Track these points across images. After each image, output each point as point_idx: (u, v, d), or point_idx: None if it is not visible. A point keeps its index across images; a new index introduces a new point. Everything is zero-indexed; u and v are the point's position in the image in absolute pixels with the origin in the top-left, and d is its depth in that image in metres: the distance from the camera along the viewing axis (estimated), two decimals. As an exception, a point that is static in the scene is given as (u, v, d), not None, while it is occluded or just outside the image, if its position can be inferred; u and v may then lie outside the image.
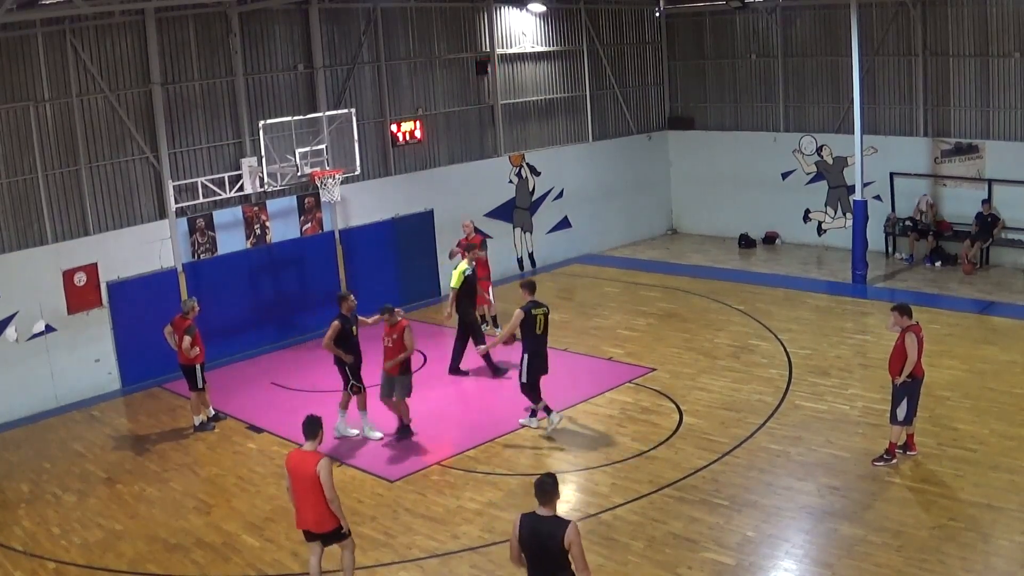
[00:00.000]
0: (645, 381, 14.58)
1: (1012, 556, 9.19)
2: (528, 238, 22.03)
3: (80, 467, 12.96)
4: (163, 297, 16.24)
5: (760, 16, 22.84)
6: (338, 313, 12.91)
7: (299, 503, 8.73)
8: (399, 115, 19.48)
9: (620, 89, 23.84)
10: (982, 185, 19.80)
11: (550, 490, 7.01)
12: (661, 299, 19.09)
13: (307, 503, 8.64)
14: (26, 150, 14.92)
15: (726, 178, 23.80)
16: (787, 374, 14.44)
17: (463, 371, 15.41)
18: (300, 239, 18.08)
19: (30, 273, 14.93)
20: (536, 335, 12.72)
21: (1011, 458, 11.16)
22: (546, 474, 7.21)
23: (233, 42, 16.84)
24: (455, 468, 12.07)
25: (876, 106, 21.05)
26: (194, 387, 13.76)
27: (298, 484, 8.64)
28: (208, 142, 16.89)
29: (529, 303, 12.79)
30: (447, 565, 9.83)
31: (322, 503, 8.57)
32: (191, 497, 11.80)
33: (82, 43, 15.26)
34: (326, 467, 8.50)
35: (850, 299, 18.51)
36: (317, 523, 8.70)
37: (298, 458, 8.69)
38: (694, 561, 9.50)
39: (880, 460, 11.20)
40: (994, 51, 19.45)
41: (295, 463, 8.68)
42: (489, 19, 20.83)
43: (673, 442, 12.33)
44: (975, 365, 14.27)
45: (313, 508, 8.62)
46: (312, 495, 8.56)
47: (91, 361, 15.68)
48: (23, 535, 11.06)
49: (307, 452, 8.67)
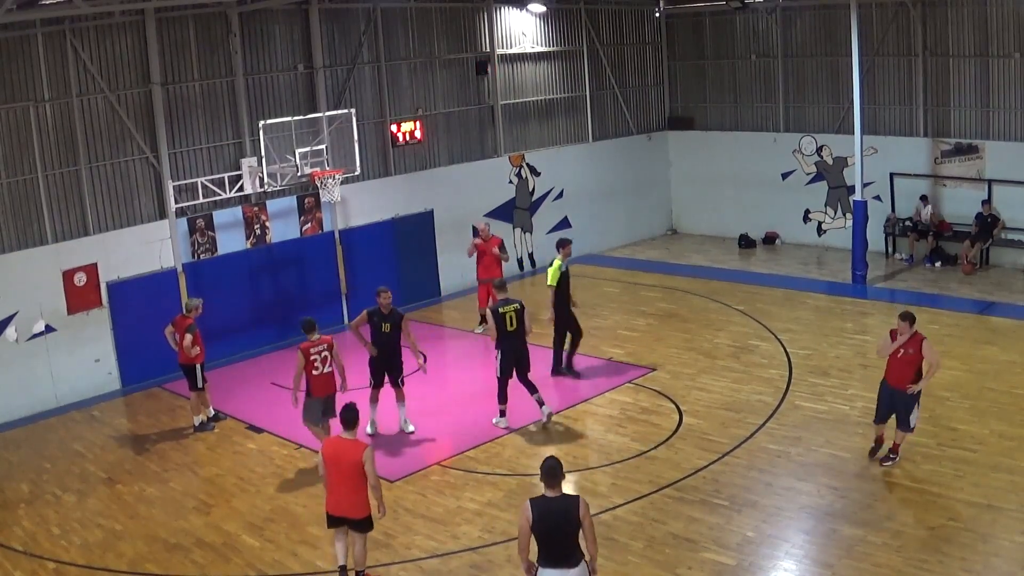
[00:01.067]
0: (645, 381, 14.58)
1: (1012, 556, 9.19)
2: (528, 238, 22.03)
3: (80, 467, 12.96)
4: (163, 297, 16.25)
5: (760, 16, 22.84)
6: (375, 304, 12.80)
7: (337, 490, 8.96)
8: (399, 115, 19.49)
9: (620, 89, 23.84)
10: (982, 185, 19.81)
11: (558, 472, 7.29)
12: (661, 299, 19.09)
13: (346, 490, 8.91)
14: (26, 150, 14.92)
15: (726, 178, 23.80)
16: (787, 374, 14.44)
17: (574, 371, 14.97)
18: (300, 239, 18.09)
19: (30, 273, 14.93)
20: (507, 332, 12.81)
21: (1011, 458, 11.16)
22: (550, 457, 7.46)
23: (233, 42, 16.84)
24: (455, 468, 12.07)
25: (876, 106, 21.05)
26: (194, 387, 13.75)
27: (338, 471, 8.89)
28: (208, 142, 16.90)
29: (499, 302, 13.00)
30: (447, 565, 9.83)
31: (362, 490, 8.92)
32: (191, 497, 11.80)
33: (82, 43, 15.27)
34: (371, 455, 8.86)
35: (850, 299, 18.52)
36: (354, 509, 9.00)
37: (339, 446, 8.95)
38: (694, 561, 9.50)
39: (887, 460, 11.19)
40: (994, 51, 19.46)
41: (334, 451, 8.94)
42: (489, 19, 20.84)
43: (673, 442, 12.33)
44: (975, 365, 14.27)
45: (352, 494, 8.92)
46: (352, 481, 8.86)
47: (91, 361, 15.68)
48: (23, 535, 11.05)
49: (348, 440, 8.95)
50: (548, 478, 7.30)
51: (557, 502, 7.26)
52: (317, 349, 12.01)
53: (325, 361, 12.05)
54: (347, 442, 8.95)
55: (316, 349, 12.00)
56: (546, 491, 7.32)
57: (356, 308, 18.83)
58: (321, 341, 12.05)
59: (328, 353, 12.06)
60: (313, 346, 12.00)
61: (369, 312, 12.84)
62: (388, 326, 12.81)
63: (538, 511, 7.22)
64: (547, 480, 7.31)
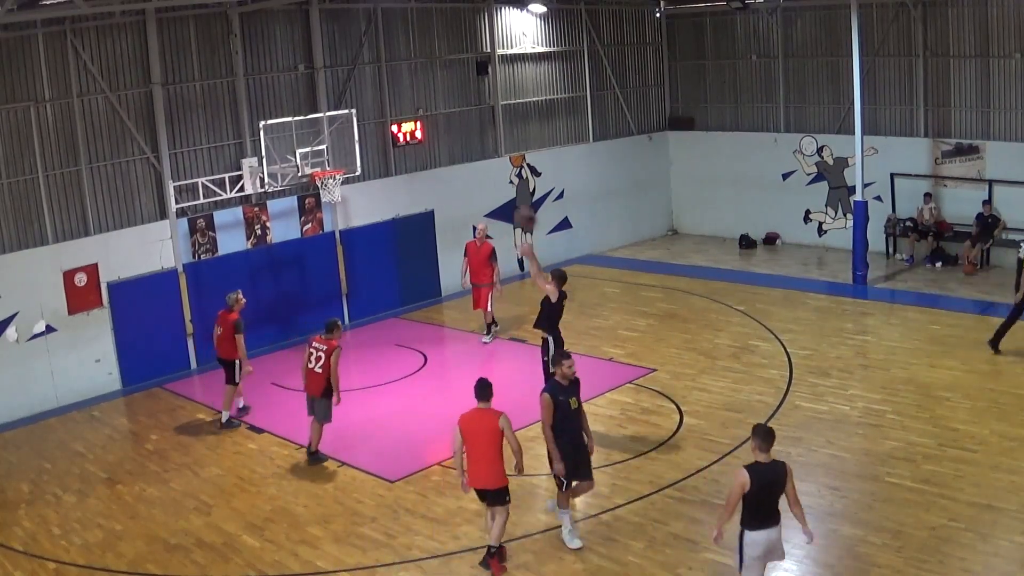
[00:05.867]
0: (645, 382, 14.58)
1: (1012, 556, 9.19)
2: (528, 239, 22.01)
3: (80, 467, 12.97)
4: (163, 298, 16.27)
5: (760, 17, 22.85)
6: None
7: (476, 461, 9.31)
8: (399, 115, 19.49)
9: (620, 90, 23.84)
10: (982, 186, 19.80)
11: (772, 435, 7.86)
12: (661, 300, 19.09)
13: (484, 460, 9.28)
14: (26, 150, 14.93)
15: (726, 179, 23.80)
16: (787, 375, 14.44)
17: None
18: (300, 239, 18.09)
19: (30, 273, 14.94)
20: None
21: (1011, 458, 11.16)
22: (761, 424, 8.07)
23: (234, 42, 16.85)
24: (455, 468, 12.04)
25: (876, 107, 21.04)
26: (231, 381, 13.83)
27: (477, 441, 9.27)
28: (209, 142, 16.90)
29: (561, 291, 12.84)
30: (447, 566, 9.83)
31: (499, 461, 9.28)
32: (191, 497, 11.80)
33: (82, 43, 15.27)
34: (508, 420, 9.29)
35: (850, 300, 18.51)
36: (492, 479, 9.34)
37: (476, 417, 9.36)
38: (694, 562, 9.50)
39: None
40: (994, 52, 19.45)
41: (472, 422, 9.34)
42: (489, 19, 20.84)
43: (673, 443, 12.33)
44: (975, 366, 14.26)
45: (490, 464, 9.29)
46: (490, 451, 9.25)
47: (91, 361, 15.68)
48: (23, 535, 11.06)
49: (483, 410, 9.36)
50: (766, 441, 7.79)
51: (771, 467, 7.81)
52: (317, 347, 12.15)
53: (318, 361, 12.15)
54: (482, 411, 9.37)
55: (317, 346, 12.16)
56: (759, 456, 7.81)
57: (356, 308, 18.92)
58: (326, 343, 12.14)
59: (324, 356, 12.10)
60: (317, 341, 12.20)
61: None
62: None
63: (758, 477, 7.72)
64: (764, 443, 7.79)
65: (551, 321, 12.89)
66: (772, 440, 7.84)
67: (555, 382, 9.84)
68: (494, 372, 15.13)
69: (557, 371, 9.84)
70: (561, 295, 12.89)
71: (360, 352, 17.29)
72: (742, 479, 7.75)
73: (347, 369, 16.21)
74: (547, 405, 9.64)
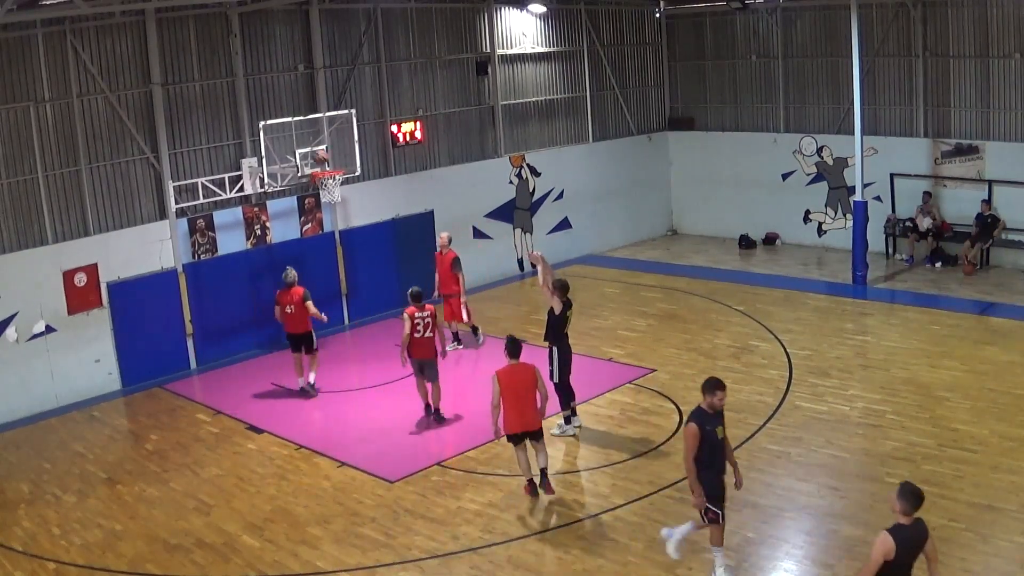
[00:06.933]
0: (645, 382, 14.58)
1: (1012, 557, 9.19)
2: (528, 239, 22.02)
3: (80, 467, 12.96)
4: (163, 298, 16.26)
5: (760, 17, 22.85)
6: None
7: (517, 409, 10.67)
8: (399, 116, 19.49)
9: (620, 90, 23.84)
10: (982, 186, 19.79)
11: (920, 497, 6.94)
12: (661, 300, 19.09)
13: (529, 406, 10.73)
14: (26, 150, 14.92)
15: (726, 179, 23.80)
16: (787, 375, 14.44)
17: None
18: (300, 240, 18.08)
19: (30, 273, 14.93)
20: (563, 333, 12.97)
21: (1011, 459, 11.16)
22: (908, 484, 7.06)
23: (233, 42, 16.84)
24: (455, 468, 12.06)
25: (876, 107, 21.05)
26: (310, 349, 14.81)
27: (517, 392, 10.66)
28: (208, 143, 16.90)
29: (565, 304, 12.86)
30: (447, 566, 9.83)
31: (535, 406, 10.76)
32: (191, 497, 11.80)
33: (82, 43, 15.27)
34: (539, 372, 10.89)
35: (850, 300, 18.51)
36: (534, 422, 10.80)
37: (513, 371, 10.75)
38: (694, 562, 9.49)
39: None
40: (994, 52, 19.45)
41: (511, 375, 10.72)
42: (489, 19, 20.84)
43: (673, 443, 12.32)
44: (975, 366, 14.26)
45: (531, 410, 10.75)
46: (530, 398, 10.71)
47: (91, 361, 15.68)
48: (23, 535, 11.06)
49: (518, 364, 10.82)
50: (911, 506, 6.90)
51: (915, 528, 6.94)
52: (421, 315, 13.24)
53: (427, 327, 13.21)
54: (518, 366, 10.80)
55: (420, 315, 13.24)
56: (902, 519, 6.91)
57: (356, 308, 18.93)
58: (425, 308, 13.30)
59: (431, 320, 13.26)
60: (419, 311, 13.25)
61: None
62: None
63: (901, 542, 6.82)
64: (909, 508, 6.91)
65: (555, 332, 12.84)
66: (920, 503, 6.89)
67: (702, 410, 8.93)
68: (494, 372, 15.12)
69: (705, 400, 8.94)
70: (565, 305, 12.80)
71: (360, 352, 17.29)
72: (886, 547, 6.81)
73: (347, 369, 16.30)
74: (693, 435, 8.77)
